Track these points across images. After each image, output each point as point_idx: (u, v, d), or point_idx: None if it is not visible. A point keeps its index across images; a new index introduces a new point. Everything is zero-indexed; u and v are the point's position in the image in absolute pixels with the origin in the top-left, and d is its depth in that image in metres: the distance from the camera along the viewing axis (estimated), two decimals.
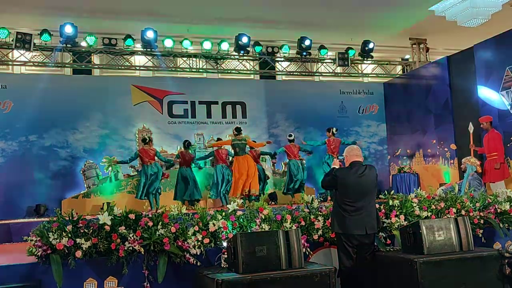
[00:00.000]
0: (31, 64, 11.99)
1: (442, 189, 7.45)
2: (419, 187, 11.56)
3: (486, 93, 10.63)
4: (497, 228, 5.83)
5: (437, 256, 4.72)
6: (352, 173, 5.07)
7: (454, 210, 5.76)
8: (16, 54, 11.74)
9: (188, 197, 11.02)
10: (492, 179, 9.59)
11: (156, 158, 10.90)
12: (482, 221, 5.81)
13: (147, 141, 10.95)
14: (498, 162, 9.60)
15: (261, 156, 12.26)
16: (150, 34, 11.75)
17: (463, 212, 5.75)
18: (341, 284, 5.03)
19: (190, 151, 11.57)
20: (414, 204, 5.64)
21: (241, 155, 10.66)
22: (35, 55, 12.00)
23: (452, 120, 11.87)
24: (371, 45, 13.31)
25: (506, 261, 4.96)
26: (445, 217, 5.55)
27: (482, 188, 8.08)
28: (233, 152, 11.04)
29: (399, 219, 5.47)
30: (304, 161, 12.17)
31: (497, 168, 9.55)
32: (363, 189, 5.04)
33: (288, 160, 11.91)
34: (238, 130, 10.78)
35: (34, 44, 11.25)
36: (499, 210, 5.97)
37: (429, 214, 5.63)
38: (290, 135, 11.93)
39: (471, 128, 9.91)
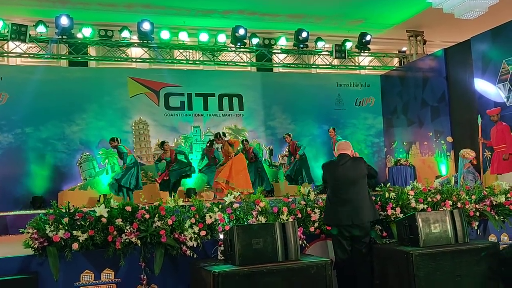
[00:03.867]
0: (27, 55, 11.91)
1: (438, 182, 7.46)
2: (416, 180, 11.56)
3: (483, 86, 10.62)
4: (492, 221, 5.85)
5: (432, 249, 4.74)
6: (335, 165, 5.22)
7: (450, 202, 5.77)
8: (12, 45, 11.65)
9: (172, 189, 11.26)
10: (500, 170, 9.49)
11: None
12: (477, 214, 5.83)
13: None
14: (507, 153, 9.46)
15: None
16: (146, 26, 11.68)
17: (459, 205, 5.76)
18: (337, 276, 5.06)
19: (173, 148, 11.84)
20: (410, 197, 5.64)
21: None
22: (31, 47, 11.93)
23: (449, 113, 11.87)
24: (368, 37, 13.27)
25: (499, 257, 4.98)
26: (441, 209, 5.57)
27: (476, 180, 8.09)
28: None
29: (395, 211, 5.48)
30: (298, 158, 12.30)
31: (506, 159, 9.42)
32: (347, 180, 5.08)
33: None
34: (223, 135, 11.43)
35: (30, 35, 11.16)
36: (494, 203, 5.99)
37: (425, 206, 5.64)
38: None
39: (480, 120, 9.87)
